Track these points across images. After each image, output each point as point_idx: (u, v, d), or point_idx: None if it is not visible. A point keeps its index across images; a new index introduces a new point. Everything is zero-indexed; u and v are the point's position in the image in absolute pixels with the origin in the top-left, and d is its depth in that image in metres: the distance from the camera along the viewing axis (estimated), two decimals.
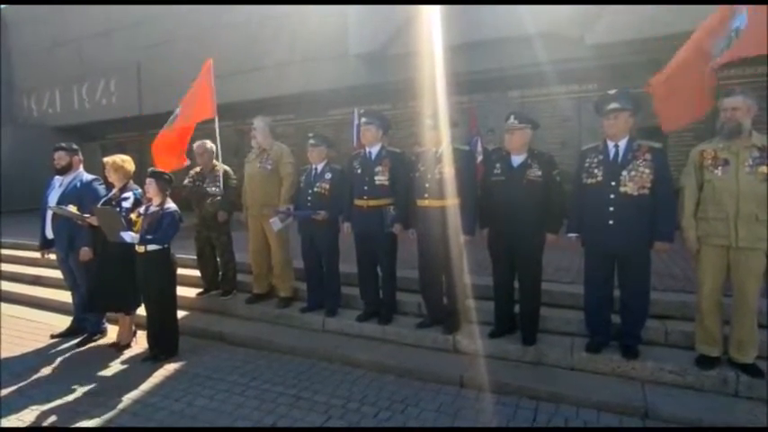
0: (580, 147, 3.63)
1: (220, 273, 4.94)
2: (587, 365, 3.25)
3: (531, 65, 7.52)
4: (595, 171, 3.23)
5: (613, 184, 3.13)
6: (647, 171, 3.06)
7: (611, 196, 3.13)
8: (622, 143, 3.19)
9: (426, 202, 3.69)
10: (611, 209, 3.13)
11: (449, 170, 3.61)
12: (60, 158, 4.23)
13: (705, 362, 3.03)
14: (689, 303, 3.35)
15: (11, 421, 2.95)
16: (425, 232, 3.73)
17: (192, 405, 3.11)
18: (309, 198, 4.21)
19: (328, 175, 4.23)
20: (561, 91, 8.32)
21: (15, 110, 14.32)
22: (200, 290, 5.00)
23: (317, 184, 4.21)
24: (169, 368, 3.69)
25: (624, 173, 3.12)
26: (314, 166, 4.30)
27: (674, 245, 3.12)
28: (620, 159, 3.16)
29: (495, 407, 2.96)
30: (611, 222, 3.13)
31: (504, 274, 3.60)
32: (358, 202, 4.01)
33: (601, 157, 3.24)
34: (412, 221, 3.86)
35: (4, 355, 4.01)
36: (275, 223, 4.31)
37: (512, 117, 3.47)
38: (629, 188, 3.09)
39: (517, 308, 3.65)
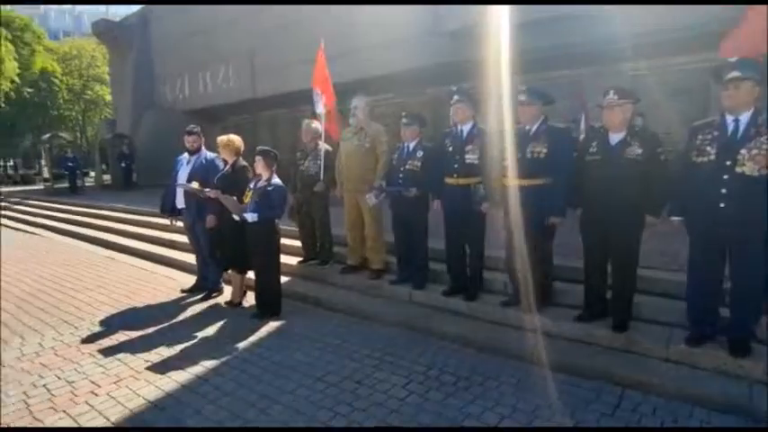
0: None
1: (318, 244, 5.34)
2: (684, 358, 3.03)
3: (644, 34, 6.81)
4: (707, 148, 2.93)
5: (728, 163, 2.83)
6: None
7: (725, 177, 2.83)
8: (744, 117, 2.85)
9: (516, 182, 3.64)
10: (724, 191, 2.83)
11: (541, 149, 3.54)
12: (195, 141, 4.93)
13: None
14: None
15: (138, 359, 3.53)
16: (511, 212, 3.69)
17: (290, 358, 3.50)
18: (401, 175, 4.37)
19: (420, 153, 4.34)
20: (680, 62, 7.42)
21: (156, 96, 16.40)
22: (301, 258, 5.46)
23: (409, 162, 4.34)
24: (272, 325, 4.15)
25: (743, 151, 2.80)
26: (406, 144, 4.44)
27: None
28: (739, 135, 2.84)
29: (576, 389, 2.92)
30: (722, 205, 2.84)
31: (596, 257, 3.46)
32: (449, 179, 4.07)
33: (716, 133, 2.93)
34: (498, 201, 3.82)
35: (146, 302, 4.83)
36: (370, 199, 4.53)
37: (611, 92, 3.26)
38: (747, 168, 2.77)
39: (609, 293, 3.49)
